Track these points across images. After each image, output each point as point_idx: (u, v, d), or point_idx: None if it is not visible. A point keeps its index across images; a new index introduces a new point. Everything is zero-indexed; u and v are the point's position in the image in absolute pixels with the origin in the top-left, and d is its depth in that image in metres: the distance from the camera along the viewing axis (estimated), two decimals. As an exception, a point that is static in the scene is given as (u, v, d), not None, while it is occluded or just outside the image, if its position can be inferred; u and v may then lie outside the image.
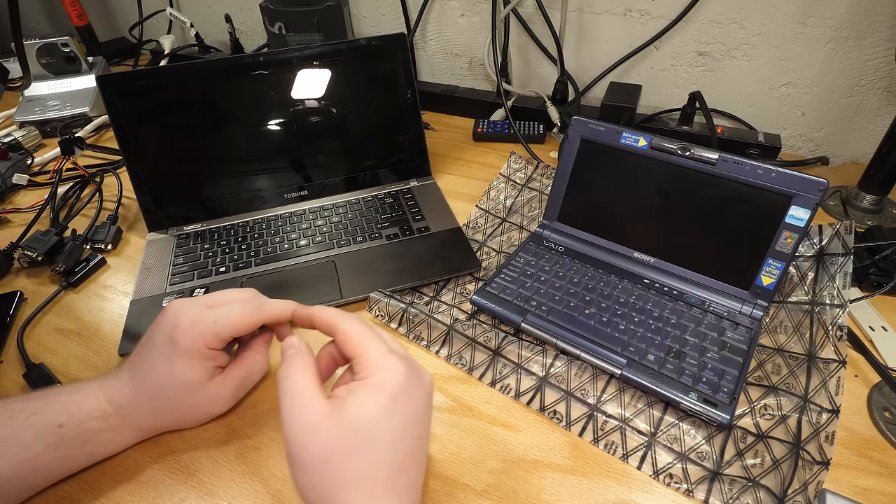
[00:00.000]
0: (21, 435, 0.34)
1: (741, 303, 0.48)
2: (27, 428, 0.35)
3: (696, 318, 0.47)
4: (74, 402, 0.37)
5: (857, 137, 0.72)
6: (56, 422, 0.35)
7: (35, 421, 0.35)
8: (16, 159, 0.75)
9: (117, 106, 0.57)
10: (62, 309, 0.54)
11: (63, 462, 0.36)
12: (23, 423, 0.35)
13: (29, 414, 0.35)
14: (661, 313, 0.47)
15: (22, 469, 0.34)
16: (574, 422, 0.41)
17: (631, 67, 0.80)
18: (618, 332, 0.46)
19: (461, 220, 0.62)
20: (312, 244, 0.59)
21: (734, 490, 0.36)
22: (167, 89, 0.59)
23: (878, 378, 0.43)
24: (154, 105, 0.59)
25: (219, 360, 0.39)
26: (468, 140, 0.81)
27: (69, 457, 0.36)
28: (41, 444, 0.35)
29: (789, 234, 0.45)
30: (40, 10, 1.31)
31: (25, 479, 0.35)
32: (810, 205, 0.43)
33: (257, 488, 0.38)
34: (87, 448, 0.37)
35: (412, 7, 0.89)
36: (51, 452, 0.35)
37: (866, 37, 0.64)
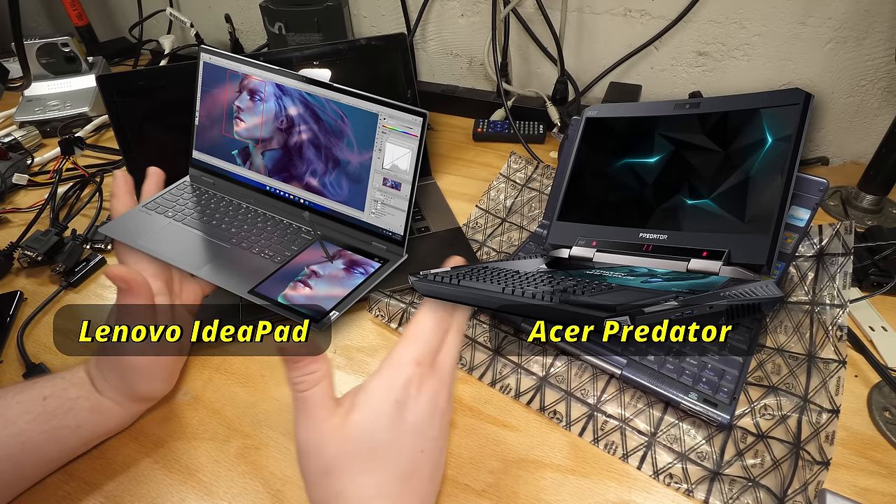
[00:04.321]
0: (7, 411, 0.36)
1: (741, 303, 0.48)
2: (14, 405, 0.36)
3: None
4: (59, 376, 0.39)
5: (857, 137, 0.72)
6: (41, 395, 0.37)
7: (22, 398, 0.37)
8: (16, 159, 0.75)
9: (117, 106, 0.57)
10: (62, 309, 0.54)
11: (49, 437, 0.36)
12: (10, 401, 0.36)
13: (17, 392, 0.37)
14: (661, 313, 0.47)
15: (9, 445, 0.35)
16: (574, 422, 0.41)
17: (631, 67, 0.80)
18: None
19: (461, 220, 0.62)
20: (312, 244, 0.59)
21: (734, 490, 0.36)
22: (167, 89, 0.59)
23: (878, 378, 0.43)
24: (154, 105, 0.59)
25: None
26: (468, 140, 0.81)
27: (55, 430, 0.37)
28: (27, 417, 0.36)
29: (789, 234, 0.45)
30: (40, 10, 1.31)
31: (14, 457, 0.35)
32: (810, 205, 0.43)
33: (257, 488, 0.38)
34: (70, 418, 0.37)
35: (412, 7, 0.89)
36: (37, 426, 0.36)
37: (866, 37, 0.64)
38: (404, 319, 0.49)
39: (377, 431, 0.29)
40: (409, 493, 0.30)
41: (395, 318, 0.50)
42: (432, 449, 0.31)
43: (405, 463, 0.30)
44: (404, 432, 0.30)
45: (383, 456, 0.29)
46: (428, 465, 0.31)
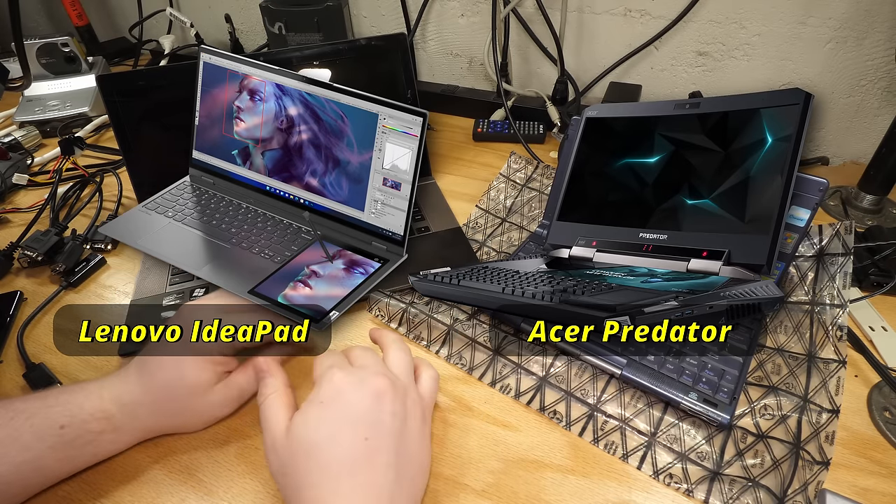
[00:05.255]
0: (22, 436, 0.34)
1: (741, 303, 0.48)
2: (28, 429, 0.34)
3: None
4: (76, 402, 0.36)
5: (857, 137, 0.72)
6: (58, 423, 0.35)
7: (36, 422, 0.35)
8: (16, 159, 0.75)
9: (117, 106, 0.57)
10: (62, 309, 0.54)
11: (65, 463, 0.36)
12: (24, 424, 0.35)
13: (30, 415, 0.35)
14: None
15: (23, 470, 0.34)
16: (574, 422, 0.41)
17: (631, 67, 0.80)
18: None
19: (461, 220, 0.62)
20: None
21: (734, 490, 0.36)
22: (167, 89, 0.59)
23: (878, 378, 0.43)
24: (154, 105, 0.59)
25: (227, 365, 0.40)
26: (468, 140, 0.81)
27: (71, 458, 0.36)
28: (42, 444, 0.35)
29: (789, 234, 0.45)
30: (40, 10, 1.31)
31: (26, 479, 0.35)
32: (810, 205, 0.43)
33: (257, 488, 0.38)
34: (89, 449, 0.37)
35: (412, 7, 0.89)
36: (52, 454, 0.35)
37: (866, 37, 0.64)
38: (404, 319, 0.49)
39: (309, 431, 0.32)
40: (360, 483, 0.30)
41: (395, 318, 0.50)
42: (377, 435, 0.32)
43: (346, 454, 0.31)
44: (337, 425, 0.32)
45: (319, 453, 0.31)
46: (380, 453, 0.32)
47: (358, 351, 0.38)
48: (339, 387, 0.34)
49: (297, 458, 0.32)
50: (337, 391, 0.33)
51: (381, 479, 0.31)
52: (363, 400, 0.33)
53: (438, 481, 0.37)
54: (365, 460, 0.31)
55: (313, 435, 0.32)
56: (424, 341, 0.48)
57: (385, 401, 0.33)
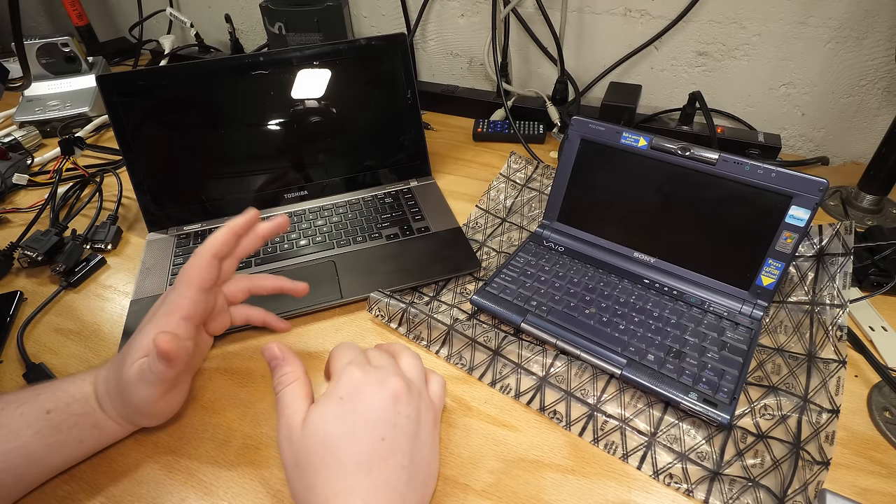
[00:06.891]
0: (11, 423, 0.35)
1: (741, 303, 0.48)
2: (17, 417, 0.35)
3: (696, 318, 0.47)
4: (62, 388, 0.37)
5: (857, 137, 0.72)
6: (45, 408, 0.36)
7: (25, 410, 0.36)
8: (16, 159, 0.75)
9: (117, 106, 0.57)
10: (62, 309, 0.54)
11: (53, 450, 0.36)
12: (13, 413, 0.35)
13: (20, 404, 0.36)
14: (661, 313, 0.47)
15: (12, 458, 0.34)
16: (574, 422, 0.41)
17: (631, 67, 0.80)
18: (618, 332, 0.46)
19: (461, 220, 0.62)
20: (313, 244, 0.59)
21: (734, 490, 0.36)
22: (167, 89, 0.59)
23: (878, 378, 0.43)
24: (154, 105, 0.59)
25: (174, 381, 0.38)
26: (468, 140, 0.81)
27: (59, 443, 0.36)
28: (30, 430, 0.35)
29: (789, 234, 0.45)
30: (40, 10, 1.31)
31: (17, 469, 0.35)
32: (810, 205, 0.43)
33: (257, 488, 0.38)
34: (74, 433, 0.37)
35: (412, 7, 0.89)
36: (40, 439, 0.35)
37: (866, 37, 0.64)
38: (404, 319, 0.49)
39: (327, 426, 0.32)
40: (375, 483, 0.30)
41: (395, 318, 0.50)
42: (393, 436, 0.32)
43: (362, 452, 0.31)
44: (355, 423, 0.32)
45: (336, 448, 0.31)
46: (395, 454, 0.32)
47: (374, 351, 0.38)
48: (359, 385, 0.34)
49: (312, 451, 0.31)
50: (356, 389, 0.34)
51: (395, 481, 0.31)
52: (382, 400, 0.33)
53: (438, 481, 0.37)
54: (381, 460, 0.31)
55: (332, 430, 0.32)
56: (424, 341, 0.48)
57: (401, 403, 0.34)
